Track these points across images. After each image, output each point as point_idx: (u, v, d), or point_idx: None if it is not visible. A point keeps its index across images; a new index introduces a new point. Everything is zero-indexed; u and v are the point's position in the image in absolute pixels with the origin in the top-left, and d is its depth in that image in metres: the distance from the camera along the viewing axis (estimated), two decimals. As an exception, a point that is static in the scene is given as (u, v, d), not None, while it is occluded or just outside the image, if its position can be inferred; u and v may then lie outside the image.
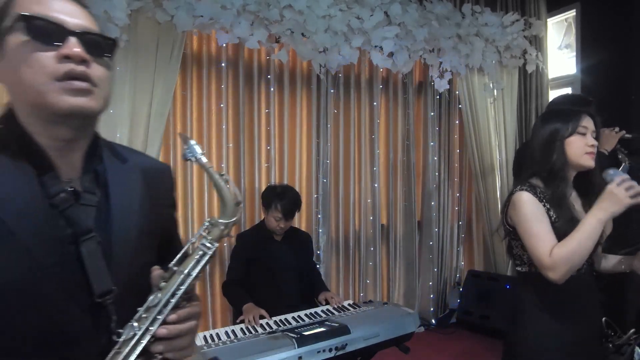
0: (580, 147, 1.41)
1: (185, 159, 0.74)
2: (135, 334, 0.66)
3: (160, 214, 0.83)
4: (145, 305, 0.68)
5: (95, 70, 0.69)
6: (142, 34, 2.47)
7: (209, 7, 2.54)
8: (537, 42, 3.82)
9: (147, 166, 0.83)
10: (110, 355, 0.66)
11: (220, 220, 0.73)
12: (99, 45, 0.71)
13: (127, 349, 0.66)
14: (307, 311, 2.21)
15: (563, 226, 1.35)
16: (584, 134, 1.42)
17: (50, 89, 0.65)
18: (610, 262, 1.50)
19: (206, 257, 0.72)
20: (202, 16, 2.55)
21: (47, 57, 0.66)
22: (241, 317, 2.11)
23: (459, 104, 3.74)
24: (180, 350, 0.71)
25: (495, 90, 3.64)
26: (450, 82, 3.51)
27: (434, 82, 3.48)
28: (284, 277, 2.43)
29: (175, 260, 0.70)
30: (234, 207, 0.74)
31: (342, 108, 3.37)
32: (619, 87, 3.25)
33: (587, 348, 1.41)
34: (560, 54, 3.90)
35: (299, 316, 2.13)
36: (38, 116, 0.68)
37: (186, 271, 0.69)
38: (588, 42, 3.58)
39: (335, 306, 2.29)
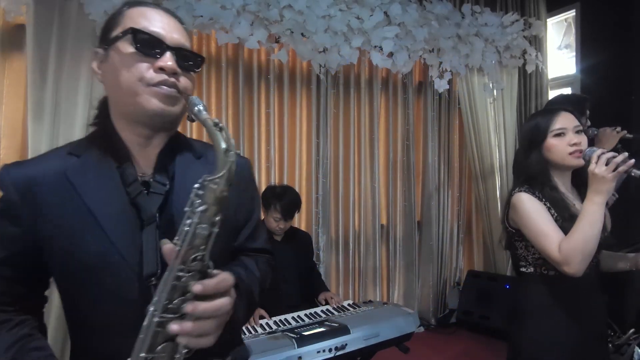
0: (561, 150, 1.40)
1: (191, 114, 0.77)
2: (152, 319, 0.67)
3: (237, 204, 0.92)
4: (159, 287, 0.68)
5: (183, 82, 0.82)
6: (142, 34, 2.46)
7: (208, 7, 2.54)
8: (537, 42, 3.82)
9: None
10: (137, 343, 0.68)
11: (210, 177, 0.68)
12: (189, 61, 0.84)
13: (147, 335, 0.67)
14: (307, 311, 2.21)
15: (564, 225, 1.35)
16: (561, 135, 1.41)
17: (143, 91, 0.78)
18: (612, 260, 1.50)
19: (203, 225, 0.67)
20: (202, 16, 2.55)
21: (145, 66, 0.79)
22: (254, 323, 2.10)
23: (459, 104, 3.74)
24: (199, 336, 0.68)
25: (495, 91, 3.64)
26: (450, 82, 3.51)
27: (433, 82, 3.48)
28: (284, 277, 2.43)
29: (177, 235, 0.69)
30: (223, 156, 0.69)
31: (342, 108, 3.36)
32: (619, 87, 3.25)
33: (593, 347, 1.41)
34: (560, 54, 3.90)
35: (298, 316, 2.13)
36: (127, 113, 0.82)
37: (185, 245, 0.67)
38: (588, 42, 3.58)
39: (335, 306, 2.29)
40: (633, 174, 1.26)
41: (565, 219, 1.36)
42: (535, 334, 1.41)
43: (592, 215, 1.27)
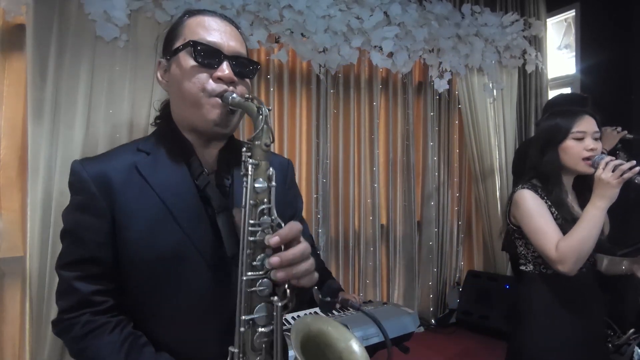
0: (576, 153, 1.40)
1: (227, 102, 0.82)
2: (242, 281, 0.71)
3: (284, 202, 0.95)
4: (240, 249, 0.73)
5: (239, 90, 0.86)
6: (142, 34, 2.46)
7: (208, 7, 2.54)
8: (537, 42, 3.82)
9: (270, 160, 0.89)
10: (237, 309, 0.72)
11: (252, 135, 0.75)
12: (246, 69, 0.89)
13: (241, 298, 0.71)
14: (307, 311, 2.21)
15: (565, 226, 1.35)
16: (580, 139, 1.40)
17: (206, 102, 0.83)
18: (610, 264, 1.50)
19: (260, 179, 0.73)
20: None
21: (205, 77, 0.83)
22: None
23: (459, 104, 3.74)
24: (303, 277, 0.72)
25: (494, 91, 3.64)
26: (449, 82, 3.51)
27: (433, 82, 3.48)
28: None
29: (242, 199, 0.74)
30: (257, 115, 0.76)
31: (342, 108, 3.36)
32: (618, 87, 3.25)
33: (593, 346, 1.41)
34: (559, 54, 3.90)
35: (298, 316, 2.13)
36: (190, 122, 0.86)
37: (248, 200, 0.72)
38: (588, 42, 3.58)
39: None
40: (637, 181, 1.26)
41: (567, 221, 1.36)
42: (535, 333, 1.41)
43: (593, 219, 1.29)
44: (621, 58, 3.25)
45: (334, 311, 2.20)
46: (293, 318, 2.00)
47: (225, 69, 0.84)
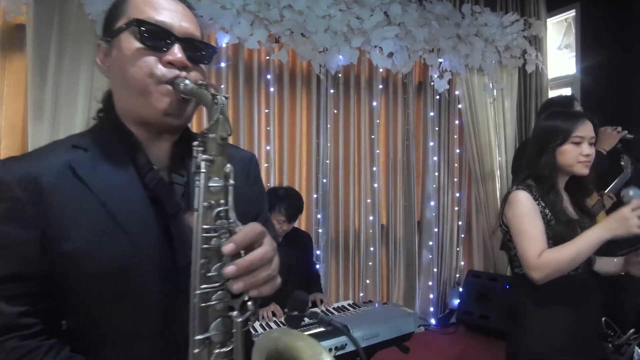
0: (573, 157, 1.40)
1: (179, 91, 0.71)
2: (194, 296, 0.62)
3: (247, 198, 0.86)
4: (192, 259, 0.62)
5: (193, 76, 0.75)
6: (142, 34, 2.46)
7: (209, 7, 2.55)
8: (537, 42, 3.82)
9: (231, 155, 0.80)
10: (190, 328, 0.62)
11: (205, 129, 0.64)
12: (200, 53, 0.78)
13: (195, 315, 0.62)
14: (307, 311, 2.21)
15: (559, 228, 1.35)
16: (578, 143, 1.41)
17: (155, 90, 0.72)
18: (605, 263, 1.50)
19: (215, 178, 0.63)
20: (202, 16, 2.55)
21: (154, 60, 0.72)
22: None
23: (459, 104, 3.74)
24: (264, 284, 0.63)
25: (495, 91, 3.64)
26: (450, 82, 3.51)
27: (433, 82, 3.48)
28: (285, 277, 2.41)
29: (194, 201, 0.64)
30: (212, 104, 0.66)
31: (342, 108, 3.36)
32: (619, 87, 3.25)
33: (589, 347, 1.41)
34: (560, 54, 3.90)
35: (267, 324, 2.13)
36: (135, 113, 0.75)
37: (201, 202, 0.63)
38: (588, 42, 3.58)
39: (324, 308, 2.27)
40: None
41: (561, 222, 1.36)
42: (532, 334, 1.41)
43: (589, 246, 1.29)
44: (621, 58, 3.24)
45: (332, 311, 2.20)
46: (263, 327, 1.99)
47: (177, 52, 0.73)
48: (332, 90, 3.30)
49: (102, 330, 0.72)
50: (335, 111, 3.34)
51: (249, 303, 0.63)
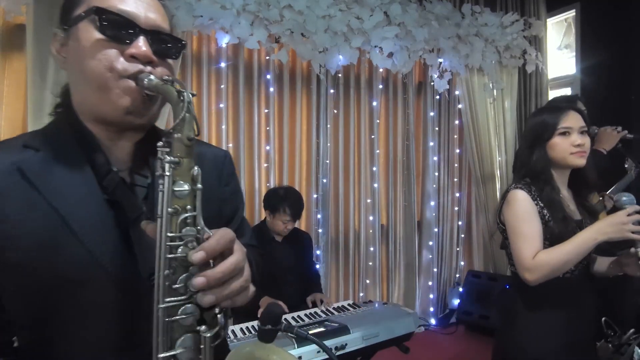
0: (564, 149, 1.39)
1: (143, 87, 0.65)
2: (157, 310, 0.56)
3: (220, 199, 0.82)
4: (156, 271, 0.56)
5: (159, 71, 0.69)
6: (142, 34, 2.46)
7: (209, 7, 2.55)
8: (537, 42, 3.82)
9: (202, 153, 0.76)
10: (153, 346, 0.56)
11: (170, 128, 0.59)
12: (167, 47, 0.71)
13: (159, 332, 0.56)
14: (307, 311, 2.21)
15: (556, 226, 1.35)
16: (566, 134, 1.40)
17: (115, 86, 0.65)
18: (602, 265, 1.49)
19: (180, 182, 0.57)
20: (202, 16, 2.55)
21: (115, 53, 0.66)
22: (260, 310, 2.11)
23: (459, 104, 3.74)
24: (236, 295, 0.58)
25: (495, 91, 3.65)
26: (450, 82, 3.52)
27: (433, 82, 3.48)
28: (285, 277, 2.43)
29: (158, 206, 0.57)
30: (178, 101, 0.59)
31: (342, 108, 3.36)
32: (619, 87, 3.25)
33: (581, 349, 1.41)
34: (560, 54, 3.90)
35: (298, 316, 2.13)
36: (93, 110, 0.69)
37: (165, 209, 0.56)
38: (588, 42, 3.58)
39: (324, 308, 2.27)
40: (632, 250, 1.28)
41: (558, 220, 1.35)
42: (524, 333, 1.40)
43: (584, 248, 1.29)
44: (621, 58, 3.24)
45: (332, 311, 2.20)
46: (242, 331, 1.98)
47: (141, 45, 0.66)
48: (332, 90, 3.31)
49: (56, 346, 0.65)
50: (335, 111, 3.35)
51: (219, 316, 0.57)
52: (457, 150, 3.89)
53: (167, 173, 0.56)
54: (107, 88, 0.65)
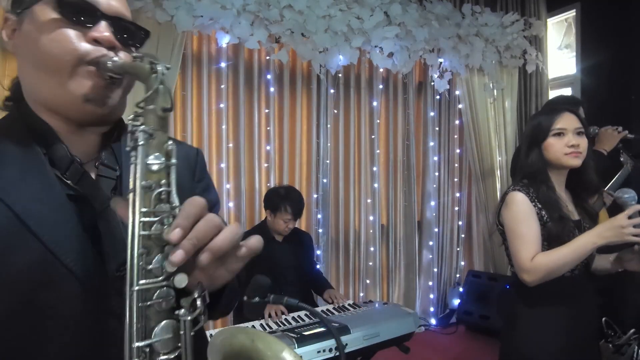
0: (558, 150, 1.40)
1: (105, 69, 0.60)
2: (131, 295, 0.50)
3: (192, 194, 0.77)
4: (127, 252, 0.50)
5: (122, 57, 0.64)
6: (142, 34, 2.46)
7: (209, 7, 2.54)
8: (537, 42, 3.82)
9: (175, 151, 0.75)
10: (125, 335, 0.50)
11: (142, 100, 0.54)
12: (130, 34, 0.67)
13: (133, 319, 0.50)
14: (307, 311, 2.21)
15: (553, 225, 1.35)
16: (560, 135, 1.41)
17: (72, 73, 0.61)
18: (603, 262, 1.49)
19: (154, 154, 0.53)
20: (202, 16, 2.55)
21: (77, 37, 0.61)
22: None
23: (459, 104, 3.74)
24: (225, 252, 0.52)
25: (495, 91, 3.64)
26: (450, 82, 3.51)
27: (434, 82, 3.48)
28: (286, 277, 2.43)
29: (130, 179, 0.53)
30: (150, 73, 0.55)
31: (342, 108, 3.37)
32: (619, 87, 3.25)
33: (583, 349, 1.41)
34: (560, 54, 3.90)
35: (298, 316, 2.13)
36: (47, 96, 0.64)
37: (139, 183, 0.52)
38: (588, 42, 3.58)
39: (337, 305, 2.29)
40: (636, 248, 1.27)
41: (554, 220, 1.36)
42: (525, 334, 1.41)
43: (582, 251, 1.29)
44: (621, 58, 3.24)
45: (333, 311, 2.20)
46: (262, 326, 1.98)
47: (103, 30, 0.62)
48: (332, 90, 3.31)
49: (14, 353, 0.59)
50: (335, 111, 3.35)
51: (198, 301, 0.52)
52: (458, 150, 3.89)
53: (141, 142, 0.52)
54: (66, 73, 0.61)
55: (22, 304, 0.58)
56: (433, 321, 3.67)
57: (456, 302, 3.73)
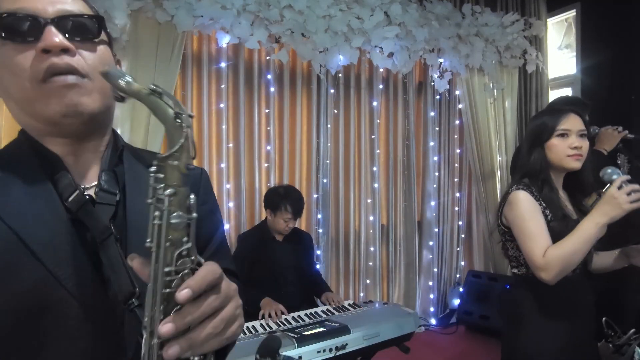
0: (561, 150, 1.39)
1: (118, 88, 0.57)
2: (151, 343, 0.52)
3: (199, 219, 0.77)
4: (147, 304, 0.53)
5: (83, 58, 0.62)
6: (142, 34, 2.47)
7: (209, 7, 2.55)
8: (537, 42, 3.82)
9: None
10: None
11: (167, 153, 0.53)
12: (82, 28, 0.63)
13: None
14: (307, 311, 2.21)
15: (556, 224, 1.35)
16: (564, 136, 1.40)
17: (37, 95, 0.59)
18: (604, 259, 1.49)
19: (177, 214, 0.53)
20: (202, 16, 2.55)
21: (26, 58, 0.59)
22: (262, 312, 2.11)
23: (459, 104, 3.74)
24: (207, 342, 0.53)
25: (495, 91, 3.65)
26: (450, 82, 3.52)
27: (434, 82, 3.48)
28: (285, 277, 2.43)
29: (149, 235, 0.53)
30: (174, 123, 0.53)
31: (342, 108, 3.37)
32: (619, 87, 3.25)
33: (583, 349, 1.41)
34: (560, 54, 3.90)
35: (299, 316, 2.13)
36: (37, 123, 0.63)
37: (162, 242, 0.52)
38: (588, 42, 3.58)
39: (335, 306, 2.29)
40: None
41: (558, 218, 1.36)
42: (526, 335, 1.41)
43: (588, 234, 1.27)
44: (621, 58, 3.24)
45: (333, 311, 2.20)
46: (263, 327, 1.99)
47: (49, 36, 0.58)
48: (332, 90, 3.31)
49: None
50: (335, 111, 3.35)
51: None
52: (458, 150, 3.89)
53: (165, 209, 0.52)
54: (32, 99, 0.60)
55: (21, 325, 0.58)
56: (433, 321, 3.67)
57: (456, 302, 3.73)
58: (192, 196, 0.54)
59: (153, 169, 0.53)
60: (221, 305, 0.54)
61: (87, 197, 0.65)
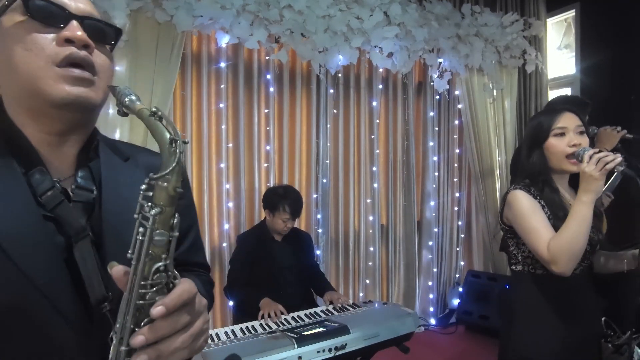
0: (559, 151, 1.39)
1: (123, 106, 0.60)
2: (119, 349, 0.54)
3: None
4: (121, 311, 0.55)
5: (97, 57, 0.65)
6: (142, 34, 2.46)
7: (208, 7, 2.54)
8: (537, 42, 3.82)
9: (153, 164, 0.73)
10: None
11: (158, 175, 0.55)
12: (102, 32, 0.67)
13: None
14: (307, 311, 2.21)
15: (556, 224, 1.35)
16: (561, 135, 1.40)
17: (47, 75, 0.60)
18: (610, 260, 1.49)
19: (160, 231, 0.55)
20: (201, 16, 2.55)
21: (47, 39, 0.61)
22: (261, 312, 2.11)
23: (459, 104, 3.74)
24: (173, 356, 0.55)
25: (494, 91, 3.65)
26: (449, 82, 3.52)
27: (433, 82, 3.49)
28: (285, 277, 2.43)
29: (131, 248, 0.55)
30: (169, 147, 0.55)
31: (342, 108, 3.37)
32: (618, 87, 3.26)
33: (583, 349, 1.40)
34: (559, 54, 3.90)
35: (298, 316, 2.13)
36: (29, 105, 0.63)
37: (142, 257, 0.54)
38: (587, 42, 3.58)
39: (330, 307, 2.28)
40: (617, 170, 1.27)
41: (559, 218, 1.36)
42: (523, 333, 1.41)
43: (580, 215, 1.27)
44: (621, 58, 3.25)
45: (332, 311, 2.20)
46: (242, 331, 1.98)
47: (75, 29, 0.61)
48: (332, 90, 3.31)
49: None
50: (335, 111, 3.35)
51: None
52: (457, 150, 3.89)
53: (149, 226, 0.54)
54: (39, 77, 0.60)
55: (4, 324, 0.57)
56: (433, 321, 3.67)
57: (456, 302, 3.73)
58: (177, 215, 0.56)
59: (144, 187, 0.55)
60: (191, 321, 0.57)
61: (63, 193, 0.64)
